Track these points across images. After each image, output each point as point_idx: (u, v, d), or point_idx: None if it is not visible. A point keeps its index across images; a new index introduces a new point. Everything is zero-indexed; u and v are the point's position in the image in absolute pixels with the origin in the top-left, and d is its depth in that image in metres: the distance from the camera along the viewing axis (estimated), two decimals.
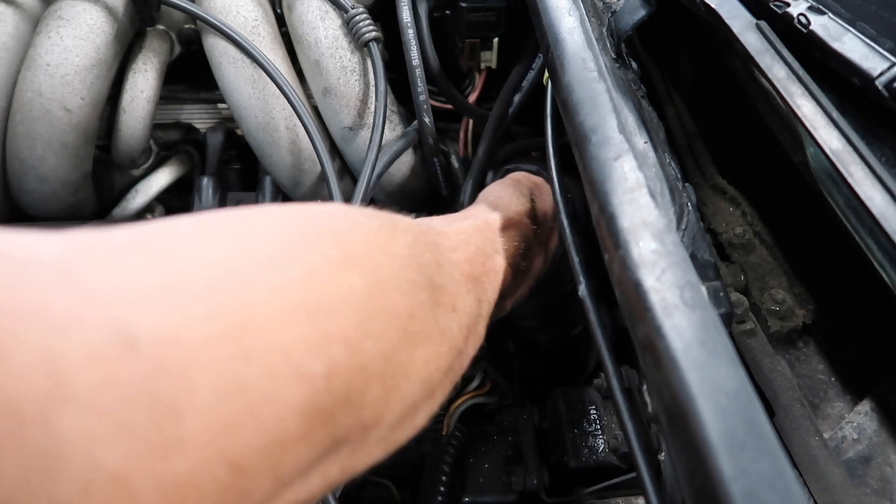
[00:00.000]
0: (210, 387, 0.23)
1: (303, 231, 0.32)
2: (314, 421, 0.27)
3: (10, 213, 0.77)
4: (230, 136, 0.89)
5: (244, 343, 0.25)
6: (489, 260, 0.48)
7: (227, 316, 0.25)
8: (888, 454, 0.43)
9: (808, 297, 0.52)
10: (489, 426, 0.70)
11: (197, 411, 0.23)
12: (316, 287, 0.29)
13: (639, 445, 0.38)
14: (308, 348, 0.27)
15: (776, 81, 0.42)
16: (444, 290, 0.39)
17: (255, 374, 0.25)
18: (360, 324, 0.30)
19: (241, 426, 0.24)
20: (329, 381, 0.28)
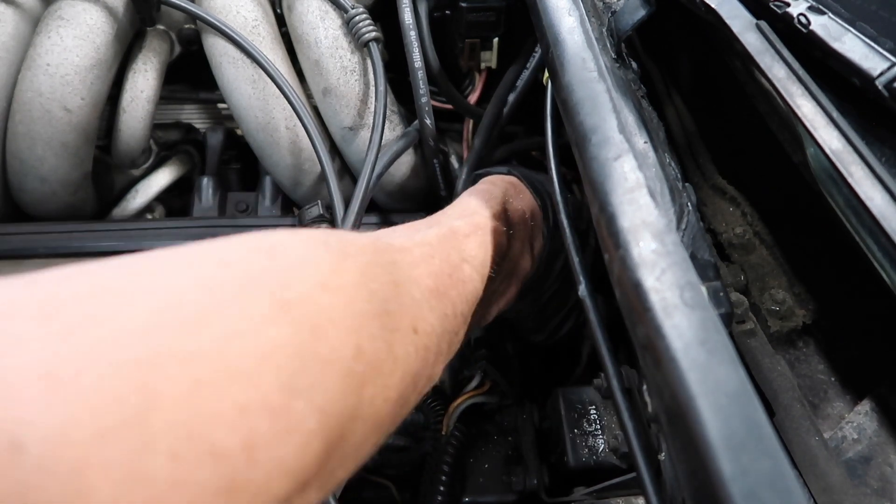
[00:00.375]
0: (107, 483, 0.22)
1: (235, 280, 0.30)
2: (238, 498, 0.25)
3: (11, 213, 0.77)
4: (230, 136, 0.90)
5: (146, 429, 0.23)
6: (456, 271, 0.46)
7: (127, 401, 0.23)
8: (888, 454, 0.43)
9: (808, 297, 0.52)
10: (489, 426, 0.70)
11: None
12: (234, 350, 0.27)
13: (639, 445, 0.38)
14: (220, 423, 0.25)
15: (776, 81, 0.42)
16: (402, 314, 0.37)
17: (159, 462, 0.23)
18: (287, 383, 0.28)
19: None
20: (251, 454, 0.26)
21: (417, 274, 0.42)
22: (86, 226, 0.73)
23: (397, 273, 0.39)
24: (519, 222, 0.58)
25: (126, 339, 0.25)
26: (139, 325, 0.25)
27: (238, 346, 0.27)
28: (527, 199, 0.62)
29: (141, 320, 0.26)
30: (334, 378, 0.30)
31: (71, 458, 0.21)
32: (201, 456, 0.24)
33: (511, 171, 0.65)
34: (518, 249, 0.58)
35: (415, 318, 0.39)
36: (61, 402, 0.22)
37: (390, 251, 0.41)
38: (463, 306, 0.45)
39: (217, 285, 0.29)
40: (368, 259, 0.37)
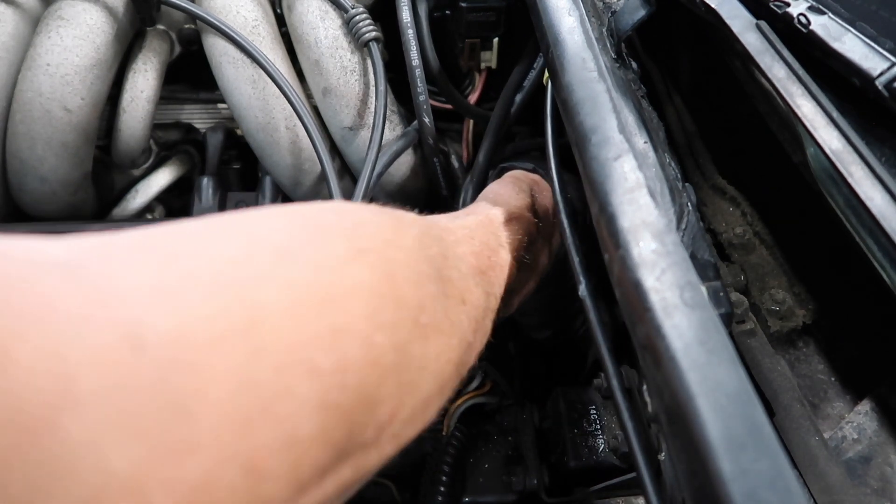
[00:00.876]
0: (221, 386, 0.23)
1: (309, 227, 0.32)
2: (329, 418, 0.27)
3: (11, 213, 0.77)
4: (230, 136, 0.89)
5: (253, 340, 0.25)
6: (494, 254, 0.48)
7: (235, 313, 0.25)
8: (888, 454, 0.43)
9: (808, 297, 0.52)
10: (489, 426, 0.70)
11: (209, 412, 0.22)
12: (324, 281, 0.29)
13: (639, 445, 0.38)
14: (318, 343, 0.27)
15: (776, 81, 0.42)
16: (452, 283, 0.39)
17: (266, 371, 0.24)
18: (371, 316, 0.30)
19: (256, 426, 0.24)
20: (342, 377, 0.27)
21: (462, 251, 0.44)
22: (86, 226, 0.73)
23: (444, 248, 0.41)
24: (543, 217, 0.60)
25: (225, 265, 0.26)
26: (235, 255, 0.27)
27: (327, 277, 0.29)
28: (548, 195, 0.63)
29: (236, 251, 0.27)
30: (407, 323, 0.32)
31: (188, 360, 0.22)
32: (302, 371, 0.26)
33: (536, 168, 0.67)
34: (541, 244, 0.60)
35: (463, 289, 0.40)
36: (175, 308, 0.23)
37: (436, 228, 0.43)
38: (499, 289, 0.47)
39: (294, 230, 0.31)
40: (421, 229, 0.39)
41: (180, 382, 0.22)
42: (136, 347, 0.21)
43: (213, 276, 0.26)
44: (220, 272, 0.26)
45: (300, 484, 0.26)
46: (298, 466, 0.25)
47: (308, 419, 0.26)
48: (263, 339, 0.25)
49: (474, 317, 0.40)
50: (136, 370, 0.21)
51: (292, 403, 0.25)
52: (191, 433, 0.22)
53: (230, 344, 0.24)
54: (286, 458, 0.25)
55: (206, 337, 0.23)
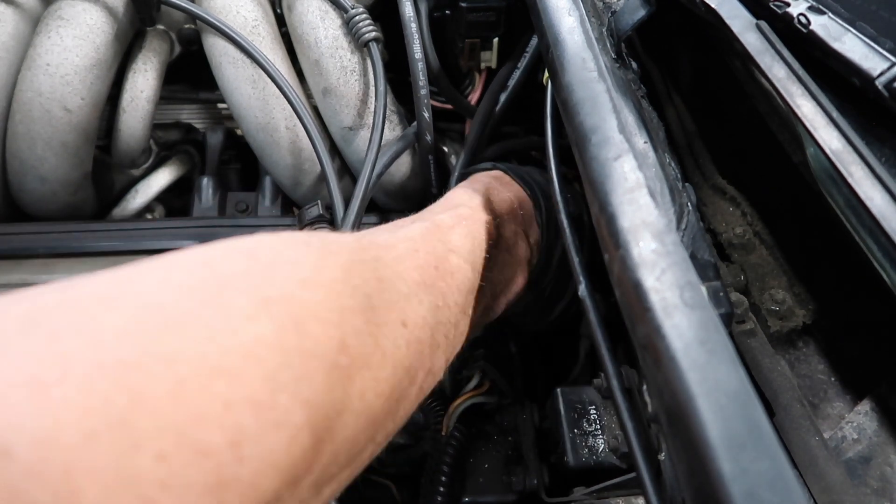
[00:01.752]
0: (95, 488, 0.22)
1: (211, 282, 0.30)
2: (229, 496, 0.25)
3: (11, 213, 0.77)
4: (230, 136, 0.90)
5: (131, 430, 0.23)
6: (442, 262, 0.46)
7: (113, 403, 0.23)
8: (888, 454, 0.43)
9: (808, 297, 0.52)
10: (489, 426, 0.70)
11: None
12: (215, 349, 0.27)
13: (639, 445, 0.38)
14: (205, 420, 0.25)
15: (776, 81, 0.42)
16: (388, 308, 0.37)
17: (146, 463, 0.23)
18: (271, 377, 0.28)
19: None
20: (238, 450, 0.26)
21: (403, 268, 0.42)
22: (86, 226, 0.72)
23: (381, 269, 0.39)
24: (507, 211, 0.59)
25: (109, 343, 0.25)
26: (122, 329, 0.26)
27: (220, 344, 0.27)
28: (514, 188, 0.62)
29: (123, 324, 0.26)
30: (319, 371, 0.30)
31: (59, 462, 0.21)
32: (188, 454, 0.24)
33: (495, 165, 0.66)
34: (511, 237, 0.58)
35: (403, 311, 0.39)
36: (47, 406, 0.22)
37: (373, 248, 0.41)
38: (456, 296, 0.45)
39: (197, 286, 0.29)
40: (351, 257, 0.37)
41: (50, 489, 0.21)
42: (3, 456, 0.21)
43: (93, 359, 0.24)
44: (100, 354, 0.24)
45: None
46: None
47: (201, 502, 0.24)
48: (144, 426, 0.24)
49: (417, 338, 0.39)
50: (2, 481, 0.20)
51: (179, 492, 0.24)
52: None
53: (106, 438, 0.23)
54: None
55: (77, 437, 0.22)
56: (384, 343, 0.36)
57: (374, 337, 0.35)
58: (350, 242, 0.40)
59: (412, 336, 0.38)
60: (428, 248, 0.46)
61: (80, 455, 0.22)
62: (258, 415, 0.27)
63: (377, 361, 0.35)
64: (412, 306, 0.40)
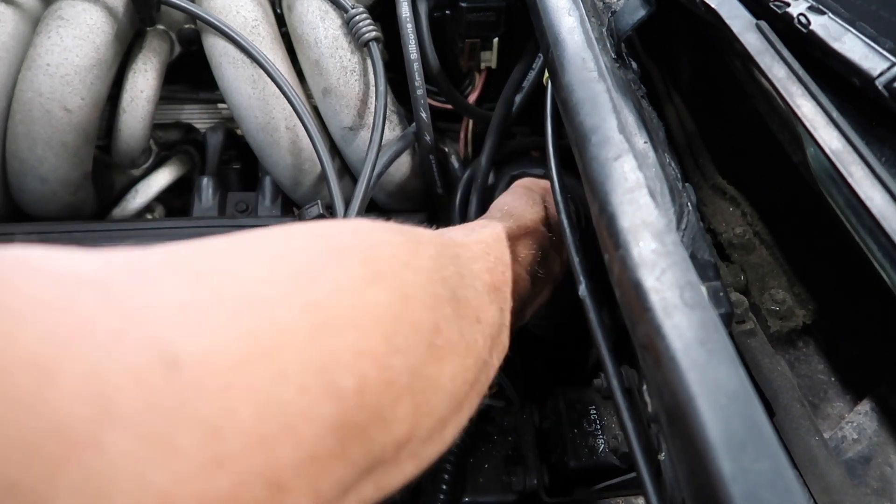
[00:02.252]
0: (249, 406, 0.24)
1: (328, 249, 0.32)
2: (349, 437, 0.28)
3: (10, 213, 0.77)
4: (230, 136, 0.90)
5: (278, 361, 0.26)
6: (509, 269, 0.48)
7: (262, 334, 0.26)
8: (888, 454, 0.43)
9: (808, 297, 0.52)
10: (489, 426, 0.70)
11: (236, 430, 0.23)
12: (344, 304, 0.30)
13: (639, 445, 0.38)
14: (339, 365, 0.28)
15: (776, 81, 0.42)
16: (467, 303, 0.39)
17: (290, 392, 0.25)
18: (388, 339, 0.30)
19: (280, 444, 0.25)
20: (360, 397, 0.28)
21: (477, 268, 0.44)
22: (86, 226, 0.73)
23: (461, 266, 0.41)
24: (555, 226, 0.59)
25: (251, 285, 0.27)
26: (261, 275, 0.28)
27: (347, 299, 0.30)
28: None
29: (261, 271, 0.28)
30: (421, 346, 0.33)
31: (220, 379, 0.24)
32: (325, 392, 0.27)
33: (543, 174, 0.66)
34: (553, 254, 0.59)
35: (478, 308, 0.41)
36: (205, 329, 0.25)
37: (453, 245, 0.44)
38: (513, 304, 0.47)
39: (315, 251, 0.32)
40: (438, 249, 0.39)
41: (210, 402, 0.23)
42: (168, 367, 0.22)
43: (239, 296, 0.26)
44: (245, 292, 0.27)
45: (321, 499, 0.27)
46: (319, 483, 0.26)
47: (329, 438, 0.27)
48: (287, 360, 0.26)
49: (489, 335, 0.41)
50: (169, 390, 0.22)
51: (314, 423, 0.26)
52: (219, 450, 0.23)
53: (256, 365, 0.25)
54: (307, 474, 0.26)
55: (233, 358, 0.24)
56: (466, 334, 0.38)
57: (459, 327, 0.37)
58: (434, 236, 0.42)
59: (486, 332, 0.41)
60: (498, 253, 0.48)
61: (237, 375, 0.24)
62: (379, 370, 0.29)
63: (463, 350, 0.37)
64: (485, 305, 0.42)
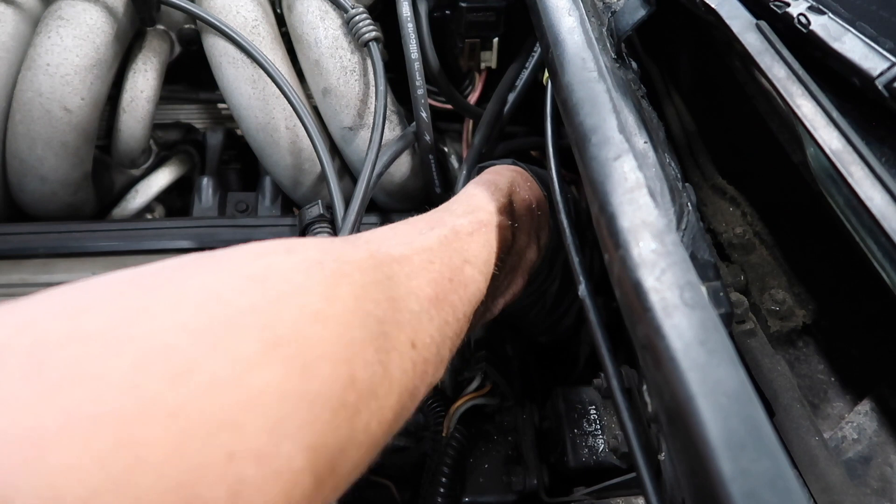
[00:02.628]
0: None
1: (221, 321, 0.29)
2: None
3: (10, 213, 0.77)
4: (230, 136, 0.90)
5: (132, 489, 0.23)
6: (457, 274, 0.45)
7: (114, 459, 0.23)
8: (888, 454, 0.43)
9: (808, 297, 0.52)
10: (489, 426, 0.70)
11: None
12: (220, 400, 0.27)
13: (639, 445, 0.38)
14: (209, 474, 0.25)
15: (776, 81, 0.42)
16: (398, 331, 0.37)
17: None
18: (275, 428, 0.28)
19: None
20: (236, 501, 0.26)
21: (416, 284, 0.41)
22: (86, 226, 0.72)
23: (394, 288, 0.39)
24: (525, 213, 0.58)
25: (111, 394, 0.25)
26: (126, 379, 0.25)
27: (224, 394, 0.27)
28: (534, 188, 0.61)
29: (128, 373, 0.25)
30: (325, 415, 0.30)
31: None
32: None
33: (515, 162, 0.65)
34: (524, 242, 0.58)
35: (413, 331, 0.38)
36: (49, 462, 0.22)
37: (388, 263, 0.41)
38: (465, 308, 0.45)
39: (206, 328, 0.29)
40: (364, 278, 0.37)
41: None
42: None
43: (99, 408, 0.24)
44: (107, 402, 0.24)
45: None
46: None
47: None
48: (145, 483, 0.23)
49: (424, 358, 0.39)
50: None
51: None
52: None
53: (107, 498, 0.22)
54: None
55: (80, 494, 0.22)
56: (392, 370, 0.35)
57: (383, 365, 0.35)
58: (363, 260, 0.39)
59: (420, 357, 0.38)
60: (444, 259, 0.45)
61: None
62: (260, 465, 0.27)
63: (384, 391, 0.35)
64: (423, 325, 0.40)
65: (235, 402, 0.27)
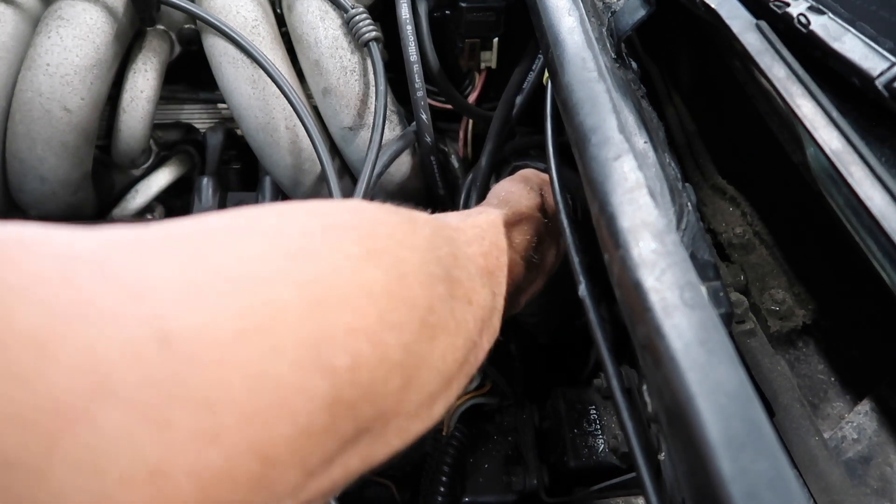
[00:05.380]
0: (242, 381, 0.24)
1: (324, 227, 0.33)
2: (339, 412, 0.28)
3: (10, 213, 0.77)
4: (230, 136, 0.90)
5: (273, 337, 0.26)
6: (503, 254, 0.49)
7: (257, 311, 0.26)
8: (888, 454, 0.43)
9: (808, 297, 0.52)
10: (489, 426, 0.70)
11: (230, 405, 0.24)
12: (339, 281, 0.30)
13: (639, 445, 0.38)
14: (334, 341, 0.28)
15: (776, 81, 0.42)
16: (460, 284, 0.40)
17: (284, 368, 0.26)
18: (382, 316, 0.31)
19: (272, 419, 0.25)
20: (353, 374, 0.29)
21: (471, 252, 0.45)
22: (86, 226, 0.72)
23: (455, 248, 0.42)
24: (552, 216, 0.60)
25: (247, 263, 0.28)
26: (256, 253, 0.29)
27: (343, 277, 0.30)
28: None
29: (258, 249, 0.29)
30: (415, 323, 0.33)
31: (211, 355, 0.24)
32: (318, 369, 0.27)
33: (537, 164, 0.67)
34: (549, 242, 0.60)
35: (471, 290, 0.41)
36: (202, 304, 0.25)
37: (448, 228, 0.44)
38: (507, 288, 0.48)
39: (311, 230, 0.32)
40: (433, 230, 0.40)
41: (204, 377, 0.24)
42: (163, 343, 0.23)
43: (235, 274, 0.27)
44: (242, 270, 0.27)
45: (310, 471, 0.28)
46: (309, 456, 0.27)
47: (320, 414, 0.27)
48: (281, 336, 0.26)
49: (480, 317, 0.41)
50: (164, 365, 0.23)
51: (306, 399, 0.26)
52: (213, 425, 0.23)
53: (250, 341, 0.25)
54: (298, 448, 0.26)
55: (228, 334, 0.25)
56: (458, 314, 0.38)
57: (451, 307, 0.38)
58: (431, 219, 0.42)
59: (477, 314, 0.41)
60: (492, 238, 0.48)
61: (228, 352, 0.24)
62: (371, 347, 0.30)
63: (453, 329, 0.37)
64: (477, 287, 0.42)
65: (352, 285, 0.31)
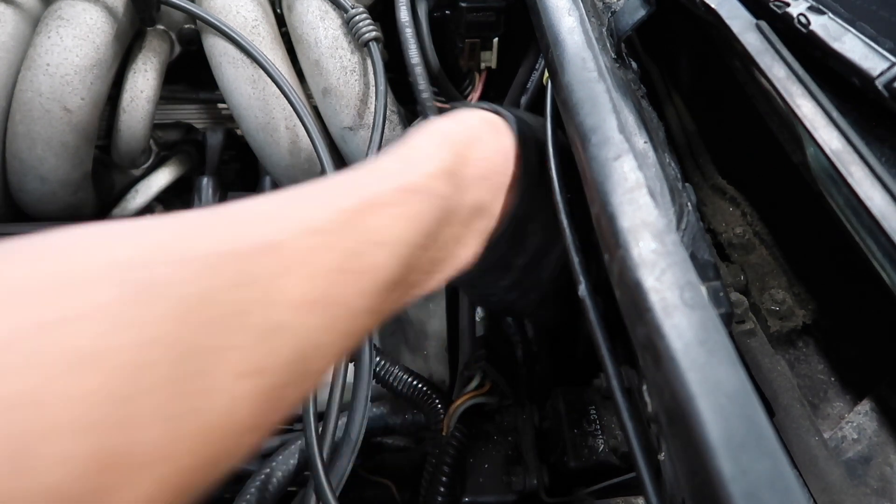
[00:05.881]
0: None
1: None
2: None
3: (11, 213, 0.77)
4: (230, 136, 0.90)
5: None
6: (357, 260, 0.36)
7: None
8: (888, 454, 0.43)
9: (808, 297, 0.52)
10: (489, 426, 0.70)
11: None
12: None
13: (639, 445, 0.38)
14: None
15: (776, 81, 0.42)
16: (225, 359, 0.28)
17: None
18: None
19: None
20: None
21: (286, 284, 0.32)
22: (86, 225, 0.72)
23: (242, 292, 0.30)
24: (480, 176, 0.47)
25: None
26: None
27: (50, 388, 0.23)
28: (503, 142, 0.50)
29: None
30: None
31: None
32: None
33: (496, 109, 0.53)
34: (473, 209, 0.48)
35: (254, 355, 0.30)
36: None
37: (246, 257, 0.32)
38: (365, 301, 0.37)
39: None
40: (185, 290, 0.28)
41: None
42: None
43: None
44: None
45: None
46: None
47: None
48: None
49: (272, 384, 0.31)
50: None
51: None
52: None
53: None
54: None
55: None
56: (203, 413, 0.28)
57: (181, 415, 0.27)
58: (196, 260, 0.30)
59: (260, 386, 0.30)
60: (340, 243, 0.36)
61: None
62: None
63: (167, 453, 0.27)
64: (276, 342, 0.31)
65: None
